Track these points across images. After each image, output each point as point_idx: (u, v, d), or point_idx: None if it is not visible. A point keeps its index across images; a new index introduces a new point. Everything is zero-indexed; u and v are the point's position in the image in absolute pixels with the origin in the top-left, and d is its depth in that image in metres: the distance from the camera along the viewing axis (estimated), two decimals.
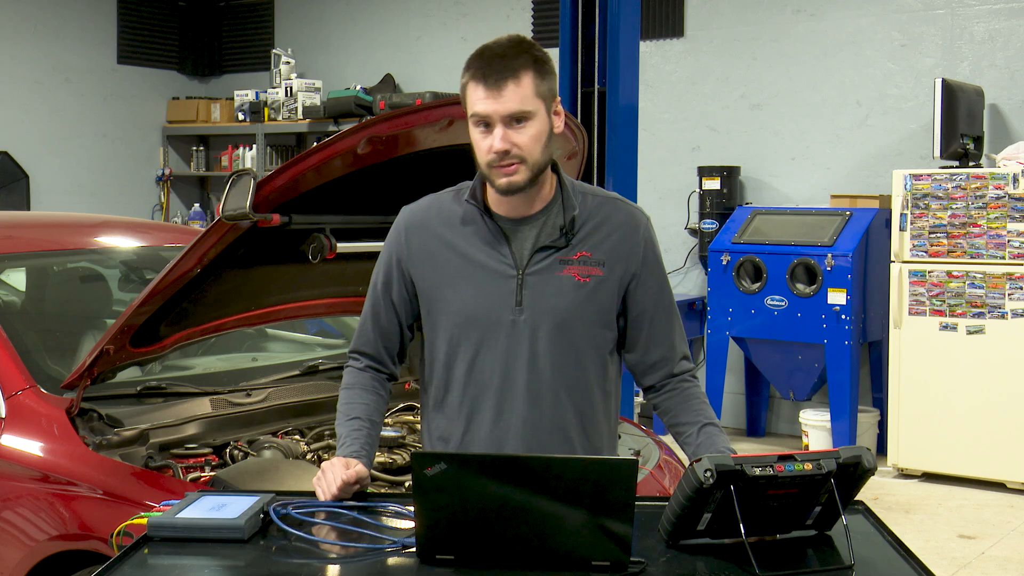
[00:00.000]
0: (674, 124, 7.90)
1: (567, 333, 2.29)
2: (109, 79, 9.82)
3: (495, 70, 2.18)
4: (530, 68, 2.20)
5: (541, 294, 2.27)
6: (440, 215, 2.35)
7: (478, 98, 2.19)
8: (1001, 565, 5.03)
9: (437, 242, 2.33)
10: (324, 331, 4.34)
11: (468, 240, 2.31)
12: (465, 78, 2.23)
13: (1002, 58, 6.77)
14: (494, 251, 2.29)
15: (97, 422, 3.00)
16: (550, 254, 2.29)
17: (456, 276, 2.30)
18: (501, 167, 2.20)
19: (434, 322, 2.35)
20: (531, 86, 2.19)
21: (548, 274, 2.28)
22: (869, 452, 1.97)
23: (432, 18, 9.11)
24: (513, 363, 2.28)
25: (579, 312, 2.28)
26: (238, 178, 2.67)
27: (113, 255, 4.10)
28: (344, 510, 2.14)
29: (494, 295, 2.28)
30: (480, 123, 2.21)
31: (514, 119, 2.18)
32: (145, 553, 1.97)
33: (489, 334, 2.28)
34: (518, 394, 2.28)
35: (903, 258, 6.40)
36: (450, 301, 2.31)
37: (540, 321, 2.27)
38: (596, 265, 2.30)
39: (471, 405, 2.31)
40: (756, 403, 7.46)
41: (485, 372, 2.29)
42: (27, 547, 2.90)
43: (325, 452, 3.21)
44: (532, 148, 2.20)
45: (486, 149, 2.20)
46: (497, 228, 2.29)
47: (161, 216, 10.09)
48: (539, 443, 2.29)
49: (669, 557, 1.94)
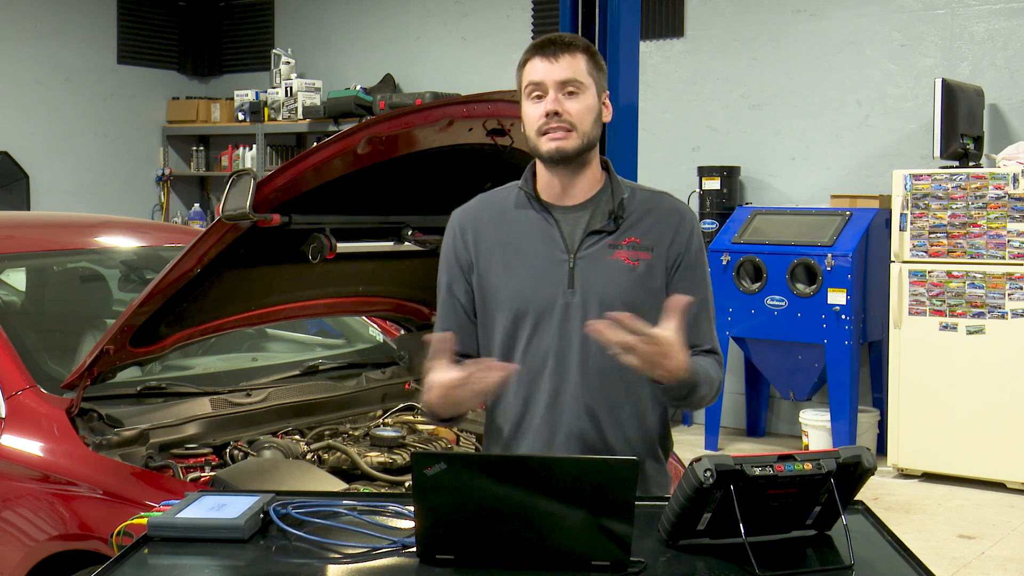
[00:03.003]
0: (674, 124, 7.90)
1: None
2: (109, 79, 9.82)
3: (553, 43, 2.28)
4: (585, 52, 2.30)
5: (593, 277, 2.30)
6: (491, 207, 2.39)
7: (534, 68, 2.28)
8: (1001, 565, 5.03)
9: (490, 233, 2.36)
10: (324, 331, 4.34)
11: (520, 227, 2.34)
12: (523, 58, 2.31)
13: (1002, 58, 6.77)
14: (546, 236, 2.32)
15: (97, 422, 3.00)
16: (600, 238, 2.32)
17: (509, 262, 2.33)
18: (550, 131, 2.25)
19: (490, 312, 2.37)
20: (585, 64, 2.28)
21: (599, 258, 2.31)
22: (869, 452, 1.97)
23: (432, 18, 9.11)
24: (567, 345, 2.30)
25: (629, 294, 2.31)
26: (238, 178, 2.67)
27: (113, 255, 4.10)
28: (344, 510, 2.15)
29: (547, 279, 2.31)
30: (533, 92, 2.27)
31: (567, 87, 2.25)
32: (145, 553, 1.97)
33: (543, 317, 2.31)
34: (571, 375, 2.31)
35: (903, 258, 6.40)
36: (503, 288, 2.34)
37: (591, 302, 2.29)
38: (645, 250, 2.33)
39: (527, 388, 2.34)
40: (756, 403, 7.46)
41: (539, 355, 2.32)
42: (27, 547, 2.91)
43: (325, 452, 3.21)
44: (583, 117, 2.26)
45: (537, 115, 2.26)
46: (548, 214, 2.33)
47: (161, 216, 10.10)
48: (593, 425, 2.31)
49: (669, 557, 1.94)
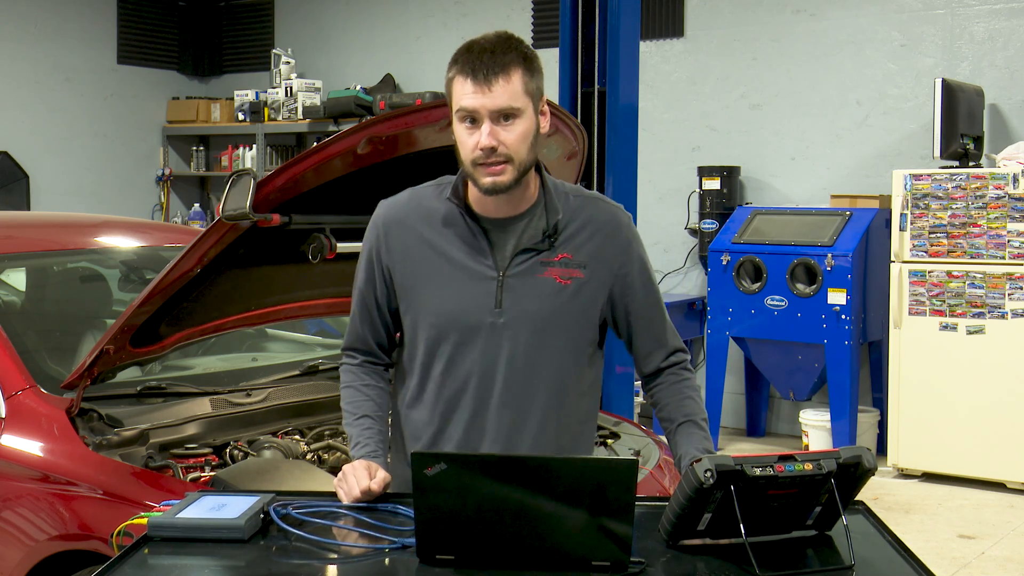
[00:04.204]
0: (674, 124, 7.90)
1: (546, 336, 2.27)
2: (109, 79, 9.82)
3: (484, 65, 2.13)
4: (520, 65, 2.16)
5: (521, 296, 2.25)
6: (420, 211, 2.31)
7: (465, 93, 2.14)
8: (1001, 565, 5.03)
9: (416, 240, 2.30)
10: (324, 331, 4.34)
11: (448, 240, 2.27)
12: (452, 72, 2.18)
13: (1002, 58, 6.77)
14: (475, 252, 2.26)
15: (97, 422, 3.00)
16: (531, 256, 2.26)
17: (435, 276, 2.27)
18: (487, 165, 2.15)
19: (413, 320, 2.32)
20: (520, 83, 2.15)
21: (529, 276, 2.25)
22: (869, 452, 1.97)
23: (432, 18, 9.12)
24: (491, 365, 2.26)
25: (559, 315, 2.27)
26: (238, 178, 2.67)
27: (113, 255, 4.10)
28: (344, 510, 2.15)
29: (474, 297, 2.25)
30: (466, 119, 2.16)
31: (502, 116, 2.14)
32: (145, 553, 1.97)
33: (468, 336, 2.26)
34: (495, 396, 2.26)
35: (903, 258, 6.40)
36: (429, 301, 2.28)
37: (519, 324, 2.24)
38: (578, 267, 2.27)
39: (446, 405, 2.30)
40: (756, 403, 7.46)
41: (462, 373, 2.27)
42: (27, 547, 2.90)
43: (325, 452, 3.21)
44: (519, 147, 2.16)
45: (472, 146, 2.15)
46: (479, 228, 2.26)
47: (161, 216, 10.09)
48: (514, 446, 2.27)
49: (669, 557, 1.94)
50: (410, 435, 2.36)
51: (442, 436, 2.30)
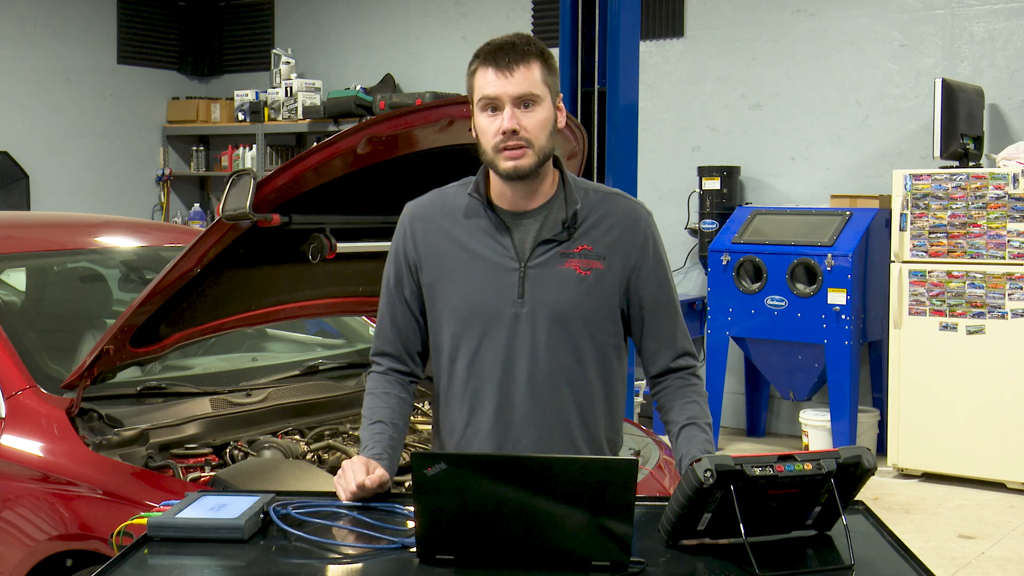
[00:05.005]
0: (674, 124, 7.90)
1: (568, 325, 2.30)
2: (109, 79, 9.82)
3: (506, 54, 2.23)
4: (539, 58, 2.25)
5: (542, 287, 2.29)
6: (443, 208, 2.37)
7: (488, 81, 2.23)
8: (1001, 565, 5.03)
9: (440, 235, 2.35)
10: (324, 331, 4.34)
11: (471, 233, 2.32)
12: (474, 65, 2.26)
13: (1002, 58, 6.77)
14: (496, 244, 2.31)
15: (97, 422, 3.00)
16: (552, 247, 2.30)
17: (458, 269, 2.32)
18: (508, 149, 2.22)
19: (438, 315, 2.36)
20: (540, 73, 2.24)
21: (550, 267, 2.29)
22: (869, 452, 1.97)
23: (432, 18, 9.12)
24: (514, 355, 2.30)
25: (580, 304, 2.30)
26: (238, 178, 2.67)
27: (113, 255, 4.10)
28: (344, 510, 2.15)
29: (496, 288, 2.29)
30: (488, 107, 2.23)
31: (523, 102, 2.22)
32: (145, 553, 1.97)
33: (491, 327, 2.30)
34: (519, 386, 2.30)
35: (903, 258, 6.40)
36: (452, 294, 2.33)
37: (541, 313, 2.28)
38: (597, 258, 2.31)
39: (473, 397, 2.33)
40: (756, 403, 7.46)
41: (487, 364, 2.31)
42: (27, 547, 2.90)
43: (325, 452, 3.21)
44: (539, 133, 2.24)
45: (493, 132, 2.23)
46: (500, 221, 2.31)
47: (161, 216, 10.09)
48: (540, 435, 2.30)
49: (669, 557, 1.94)
50: (446, 432, 2.40)
51: (472, 428, 2.34)
